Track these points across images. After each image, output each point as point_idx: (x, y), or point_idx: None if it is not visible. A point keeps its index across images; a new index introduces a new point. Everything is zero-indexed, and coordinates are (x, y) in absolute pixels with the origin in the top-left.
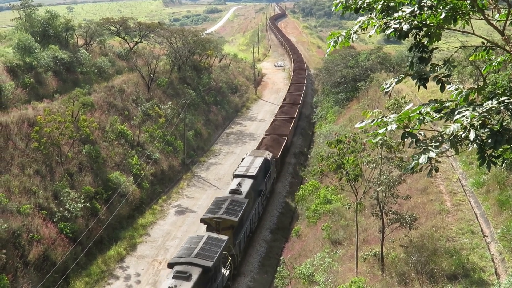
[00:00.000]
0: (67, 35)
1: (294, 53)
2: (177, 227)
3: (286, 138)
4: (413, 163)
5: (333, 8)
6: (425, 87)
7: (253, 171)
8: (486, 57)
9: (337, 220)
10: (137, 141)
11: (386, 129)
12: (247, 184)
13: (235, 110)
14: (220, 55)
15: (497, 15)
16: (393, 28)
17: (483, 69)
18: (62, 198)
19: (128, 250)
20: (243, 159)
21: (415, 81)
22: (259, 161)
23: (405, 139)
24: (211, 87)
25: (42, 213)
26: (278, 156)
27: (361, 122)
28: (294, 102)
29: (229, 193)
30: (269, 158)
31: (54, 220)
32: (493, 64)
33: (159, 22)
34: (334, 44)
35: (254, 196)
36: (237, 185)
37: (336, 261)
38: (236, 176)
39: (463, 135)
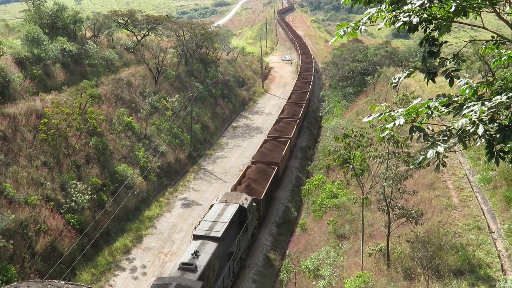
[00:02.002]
0: (75, 27)
1: (303, 53)
2: (183, 220)
3: (277, 168)
4: (421, 157)
5: (342, 0)
6: (433, 81)
7: (218, 230)
8: (496, 51)
9: (343, 214)
10: (144, 134)
11: (394, 124)
12: (207, 252)
13: (242, 104)
14: (228, 49)
15: (507, 8)
16: (403, 21)
17: (493, 62)
18: (69, 189)
19: (134, 242)
20: (211, 206)
21: (423, 75)
22: (230, 211)
23: (413, 134)
24: (218, 80)
25: (50, 204)
26: (262, 197)
27: (369, 116)
28: (293, 116)
29: (178, 268)
30: (245, 205)
31: (61, 211)
32: (503, 58)
33: (167, 15)
34: (342, 33)
35: (219, 264)
36: (192, 254)
37: (341, 256)
38: (195, 237)
39: (471, 130)
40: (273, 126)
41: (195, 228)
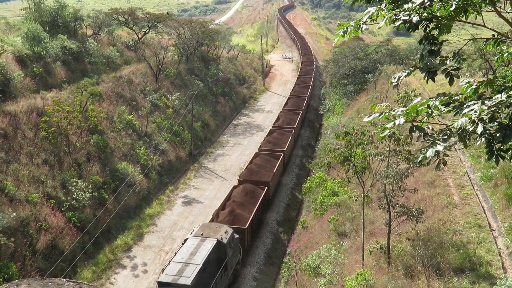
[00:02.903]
0: (76, 25)
1: (305, 54)
2: (184, 218)
3: (267, 188)
4: (421, 156)
5: None
6: (433, 80)
7: (189, 275)
8: (497, 48)
9: (343, 212)
10: (145, 132)
11: (394, 123)
12: None
13: (242, 102)
14: (228, 46)
15: (509, 8)
16: (403, 19)
17: (495, 60)
18: (70, 187)
19: (135, 240)
20: (185, 240)
21: (423, 74)
22: (206, 248)
23: (413, 133)
24: (219, 78)
25: (50, 202)
26: (247, 226)
27: (369, 116)
28: (288, 125)
29: None
30: (225, 240)
31: (62, 209)
32: (505, 55)
33: (167, 13)
34: (343, 34)
35: None
36: None
37: (342, 253)
38: (159, 284)
39: (471, 129)
40: (265, 137)
41: (162, 270)
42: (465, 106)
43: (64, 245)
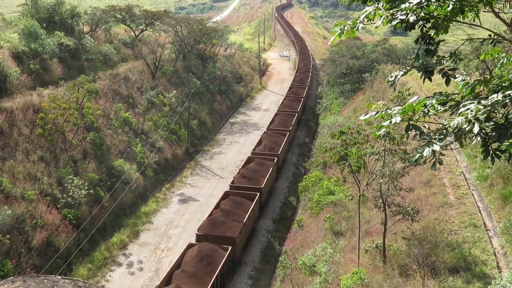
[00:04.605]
0: (73, 22)
1: (302, 60)
2: (180, 216)
3: (231, 248)
4: (417, 155)
5: None
6: (430, 80)
7: None
8: (497, 55)
9: (339, 211)
10: (141, 129)
11: (390, 122)
12: None
13: (239, 100)
14: (226, 45)
15: (508, 9)
16: (400, 19)
17: (497, 68)
18: (66, 184)
19: (131, 237)
20: None
21: (420, 73)
22: None
23: (409, 132)
24: (216, 76)
25: (46, 199)
26: None
27: (366, 114)
28: (271, 151)
29: None
30: None
31: (58, 206)
32: (503, 61)
33: (165, 10)
34: (339, 32)
35: None
36: None
37: (338, 252)
38: None
39: (467, 128)
40: (241, 168)
41: None
42: (461, 105)
43: (60, 242)
